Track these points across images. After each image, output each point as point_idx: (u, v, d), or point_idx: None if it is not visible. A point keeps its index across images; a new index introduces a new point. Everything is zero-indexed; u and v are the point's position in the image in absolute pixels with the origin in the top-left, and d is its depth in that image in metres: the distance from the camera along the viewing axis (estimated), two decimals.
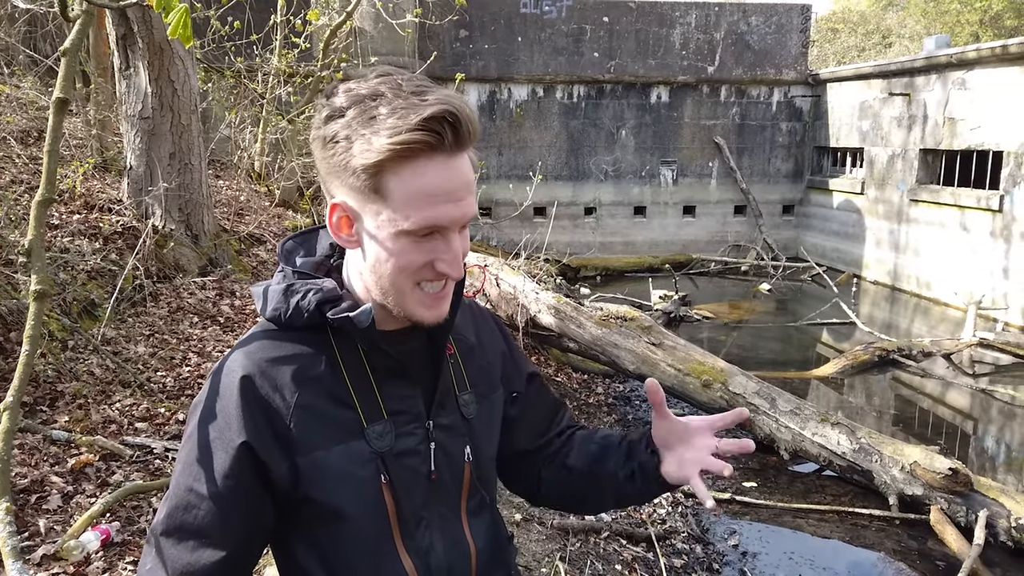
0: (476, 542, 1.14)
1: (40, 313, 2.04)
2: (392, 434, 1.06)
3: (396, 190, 0.95)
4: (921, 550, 4.54)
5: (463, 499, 1.14)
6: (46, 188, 2.05)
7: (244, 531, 1.03)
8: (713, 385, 5.76)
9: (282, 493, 1.03)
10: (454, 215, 0.97)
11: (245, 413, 1.00)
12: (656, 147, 14.40)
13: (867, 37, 26.62)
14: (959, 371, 8.18)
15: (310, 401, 1.02)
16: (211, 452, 1.01)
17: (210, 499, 1.00)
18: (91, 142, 6.40)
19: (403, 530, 1.06)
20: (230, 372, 1.03)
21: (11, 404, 2.01)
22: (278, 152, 8.94)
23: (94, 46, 6.75)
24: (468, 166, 0.99)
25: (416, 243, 0.98)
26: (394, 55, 10.96)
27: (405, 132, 0.92)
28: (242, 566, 1.06)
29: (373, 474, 1.04)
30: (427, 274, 1.00)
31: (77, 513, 2.85)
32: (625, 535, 4.22)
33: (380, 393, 1.06)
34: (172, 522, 1.02)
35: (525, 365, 1.33)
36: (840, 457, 5.13)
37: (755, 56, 14.19)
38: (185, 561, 1.00)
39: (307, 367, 1.04)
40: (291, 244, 1.16)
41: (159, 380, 4.10)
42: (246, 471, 1.00)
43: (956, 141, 10.88)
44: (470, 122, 0.96)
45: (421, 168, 0.94)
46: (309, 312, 1.03)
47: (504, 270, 7.04)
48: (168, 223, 5.59)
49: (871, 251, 12.97)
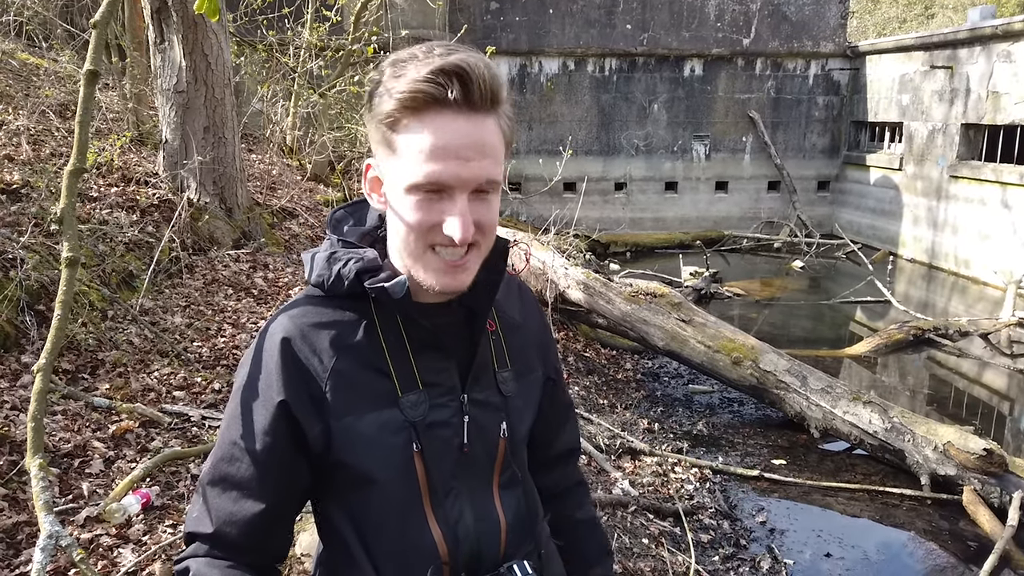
0: (506, 515, 1.14)
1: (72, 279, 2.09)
2: (426, 404, 1.07)
3: (404, 142, 0.97)
4: (952, 530, 4.50)
5: (496, 473, 1.14)
6: (77, 158, 2.09)
7: (282, 487, 1.06)
8: (743, 362, 5.72)
9: (316, 456, 1.06)
10: (459, 174, 0.96)
11: (284, 374, 1.03)
12: (689, 122, 14.19)
13: (909, 7, 25.87)
14: (996, 351, 8.03)
15: (347, 367, 1.04)
16: (252, 409, 1.04)
17: (250, 454, 1.04)
18: (127, 116, 6.49)
19: (433, 499, 1.07)
20: (273, 334, 1.06)
21: (44, 366, 2.08)
22: (310, 126, 8.98)
23: (129, 20, 6.82)
24: (486, 130, 0.97)
25: (425, 202, 0.98)
26: (424, 28, 10.91)
27: (413, 82, 0.93)
28: (281, 520, 1.10)
29: (405, 442, 1.05)
30: (438, 236, 0.99)
31: (118, 477, 2.93)
32: (652, 510, 4.23)
33: (416, 364, 1.07)
34: (217, 472, 1.06)
35: (557, 360, 1.34)
36: (871, 436, 5.09)
37: (792, 28, 13.87)
38: (228, 511, 1.05)
39: (346, 334, 1.06)
40: (341, 213, 1.18)
41: (195, 350, 4.18)
42: (283, 429, 1.03)
43: (999, 116, 10.57)
44: (483, 80, 0.94)
45: (428, 121, 0.95)
46: (349, 280, 1.04)
47: (534, 245, 7.04)
48: (203, 196, 5.66)
49: (908, 228, 12.71)
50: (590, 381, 6.27)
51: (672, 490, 4.62)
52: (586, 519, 1.39)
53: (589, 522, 1.40)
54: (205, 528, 1.06)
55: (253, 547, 1.07)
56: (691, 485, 4.75)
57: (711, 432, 5.72)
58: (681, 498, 4.53)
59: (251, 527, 1.05)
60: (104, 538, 2.62)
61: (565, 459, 1.38)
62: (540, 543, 1.21)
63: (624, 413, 5.77)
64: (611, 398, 6.07)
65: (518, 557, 1.13)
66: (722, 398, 6.43)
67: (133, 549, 2.59)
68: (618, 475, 4.56)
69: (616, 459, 4.90)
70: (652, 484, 4.63)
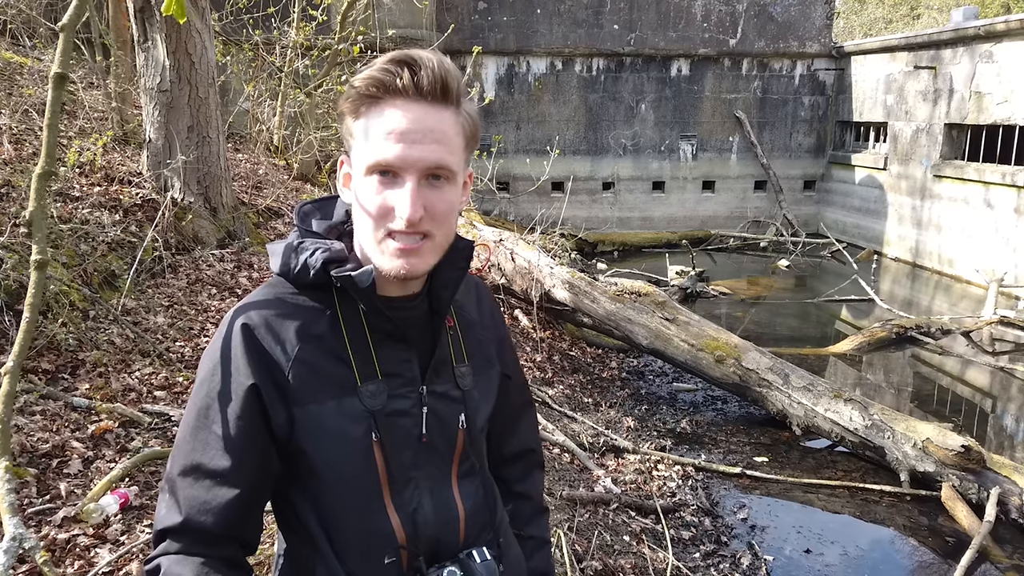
0: (465, 504, 1.17)
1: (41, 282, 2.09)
2: (385, 394, 1.10)
3: (362, 128, 1.04)
4: (931, 526, 4.55)
5: (455, 464, 1.17)
6: (46, 161, 2.08)
7: (256, 471, 1.08)
8: (726, 360, 5.76)
9: (281, 443, 1.08)
10: (409, 155, 1.01)
11: (251, 360, 1.06)
12: (676, 121, 14.25)
13: (895, 8, 26.04)
14: (979, 349, 8.10)
15: (309, 356, 1.07)
16: (222, 396, 1.06)
17: (224, 440, 1.05)
18: (111, 115, 6.46)
19: (392, 487, 1.10)
20: (237, 323, 1.09)
21: (12, 369, 2.07)
22: (296, 126, 8.96)
23: (113, 19, 6.79)
24: (438, 119, 1.03)
25: (381, 185, 1.03)
26: (412, 27, 10.91)
27: (369, 73, 1.02)
28: (256, 505, 1.11)
29: (365, 431, 1.08)
30: (393, 222, 1.03)
31: (97, 478, 2.93)
32: (634, 507, 4.26)
33: (377, 355, 1.10)
34: (188, 463, 1.06)
35: (513, 358, 1.37)
36: (852, 433, 5.13)
37: (778, 28, 13.94)
38: (202, 499, 1.05)
39: (310, 323, 1.09)
40: (309, 207, 1.21)
41: (178, 350, 4.17)
42: (255, 414, 1.06)
43: (982, 116, 10.67)
44: (432, 71, 1.01)
45: (384, 107, 1.02)
46: (315, 270, 1.08)
47: (519, 244, 7.06)
48: (187, 196, 5.65)
49: (893, 227, 12.81)
50: (575, 379, 6.29)
51: (654, 488, 4.65)
52: (532, 536, 1.39)
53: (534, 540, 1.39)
54: (174, 520, 1.06)
55: (228, 535, 1.07)
56: (674, 483, 4.78)
57: (694, 430, 5.75)
58: (663, 495, 4.56)
59: (227, 513, 1.05)
60: (81, 538, 2.61)
61: (521, 460, 1.40)
62: (499, 532, 1.23)
63: (608, 411, 5.80)
64: (596, 396, 6.10)
65: (478, 544, 1.16)
66: (706, 396, 6.47)
67: (111, 549, 2.59)
68: (601, 473, 4.58)
69: (599, 457, 4.92)
70: (635, 482, 4.65)
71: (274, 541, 2.66)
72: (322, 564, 1.10)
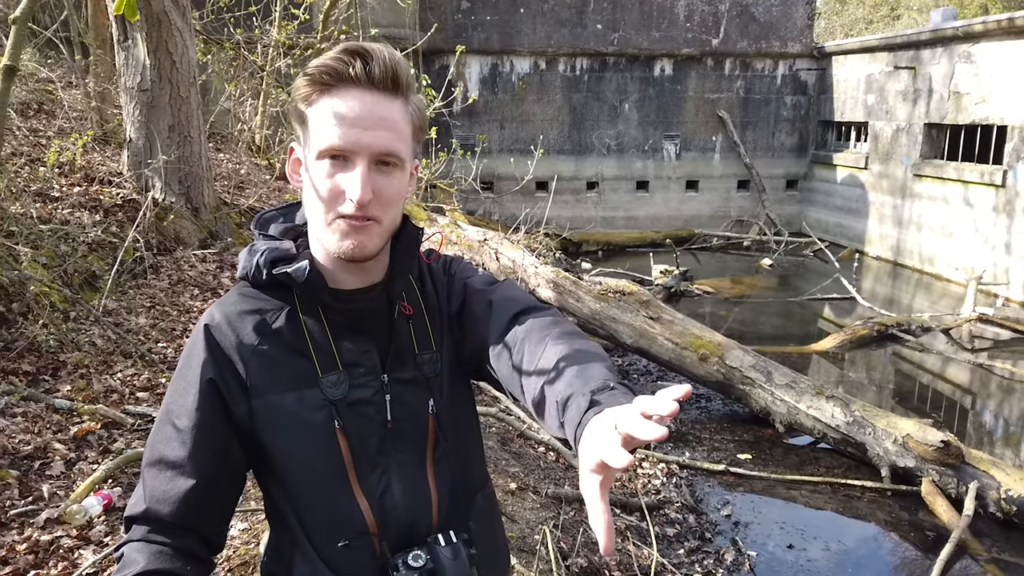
0: (439, 488, 1.19)
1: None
2: (346, 384, 1.13)
3: (314, 114, 1.07)
4: (912, 521, 4.60)
5: (429, 448, 1.19)
6: None
7: (212, 463, 1.10)
8: (710, 359, 5.80)
9: (245, 435, 1.12)
10: (360, 139, 1.04)
11: (210, 356, 1.11)
12: (659, 121, 14.31)
13: (875, 9, 26.29)
14: (958, 346, 8.21)
15: (269, 351, 1.12)
16: (183, 391, 1.11)
17: (181, 432, 1.09)
18: (91, 114, 6.40)
19: (359, 473, 1.13)
20: (201, 323, 1.14)
21: None
22: (278, 125, 8.92)
23: (93, 17, 6.73)
24: (389, 108, 1.06)
25: (331, 168, 1.05)
26: (394, 27, 10.88)
27: (322, 61, 1.05)
28: (215, 499, 1.13)
29: (327, 419, 1.11)
30: (342, 205, 1.05)
31: (80, 479, 2.91)
32: (619, 504, 4.28)
33: (336, 346, 1.14)
34: (153, 454, 1.11)
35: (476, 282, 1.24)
36: (834, 430, 5.18)
37: (760, 29, 14.04)
38: (162, 489, 1.09)
39: (269, 320, 1.13)
40: (271, 214, 1.25)
41: (160, 351, 4.15)
42: (214, 407, 1.10)
43: (961, 115, 10.80)
44: (383, 62, 1.04)
45: (335, 94, 1.05)
46: (265, 269, 1.12)
47: (504, 244, 7.07)
48: (168, 196, 5.61)
49: (874, 226, 12.94)
50: None
51: (639, 485, 4.67)
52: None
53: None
54: (138, 509, 1.09)
55: (187, 527, 1.10)
56: (658, 480, 4.81)
57: (679, 428, 5.79)
58: (648, 493, 4.59)
59: (184, 504, 1.08)
60: (65, 540, 2.60)
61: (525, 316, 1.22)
62: (472, 516, 1.23)
63: None
64: None
65: (452, 528, 1.17)
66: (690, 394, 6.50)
67: (95, 550, 2.57)
68: None
69: None
70: (620, 479, 4.67)
71: (259, 542, 2.65)
72: (299, 552, 1.14)
